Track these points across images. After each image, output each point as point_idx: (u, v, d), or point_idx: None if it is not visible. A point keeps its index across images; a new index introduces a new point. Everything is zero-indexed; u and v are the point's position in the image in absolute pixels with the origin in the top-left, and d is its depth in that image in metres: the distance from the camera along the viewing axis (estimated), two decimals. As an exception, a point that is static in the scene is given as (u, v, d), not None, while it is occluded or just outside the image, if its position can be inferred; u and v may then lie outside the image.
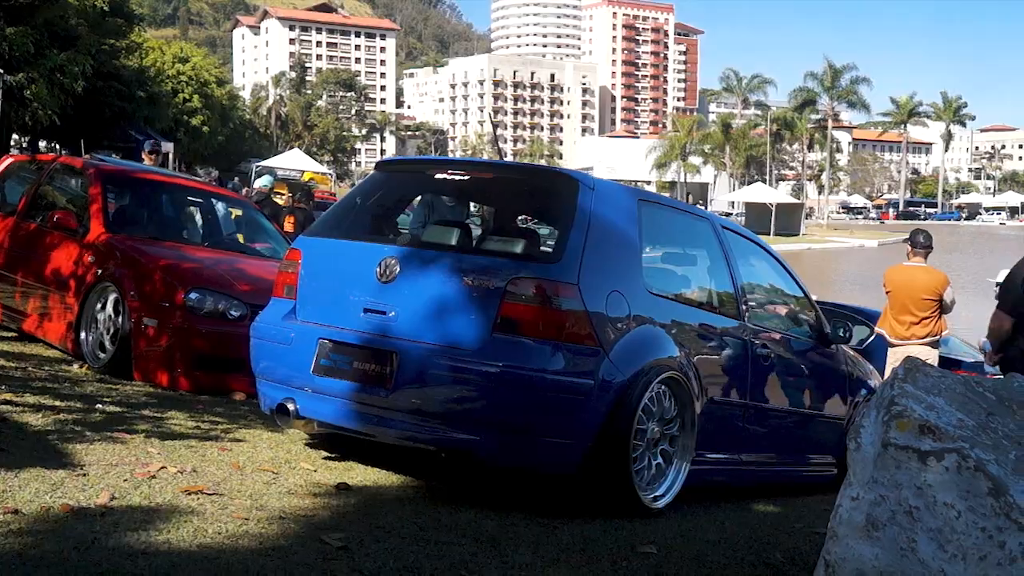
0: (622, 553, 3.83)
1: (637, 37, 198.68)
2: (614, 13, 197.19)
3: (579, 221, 4.43)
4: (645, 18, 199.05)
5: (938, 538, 3.07)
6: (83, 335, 6.84)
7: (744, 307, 5.38)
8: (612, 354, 4.32)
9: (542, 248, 4.60)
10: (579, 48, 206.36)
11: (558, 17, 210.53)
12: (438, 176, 5.25)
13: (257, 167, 42.25)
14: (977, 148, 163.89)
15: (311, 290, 4.76)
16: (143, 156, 10.66)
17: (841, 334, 6.16)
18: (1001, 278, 8.78)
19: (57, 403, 5.31)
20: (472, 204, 6.05)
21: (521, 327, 4.21)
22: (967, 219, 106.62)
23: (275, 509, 3.81)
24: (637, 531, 4.21)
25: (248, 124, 78.70)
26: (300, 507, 3.90)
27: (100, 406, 5.37)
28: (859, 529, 3.18)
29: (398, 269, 4.47)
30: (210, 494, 3.87)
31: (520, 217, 5.83)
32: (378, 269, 4.50)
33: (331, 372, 4.50)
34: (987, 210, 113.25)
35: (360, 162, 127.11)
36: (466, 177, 5.13)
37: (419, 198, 6.57)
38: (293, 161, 48.17)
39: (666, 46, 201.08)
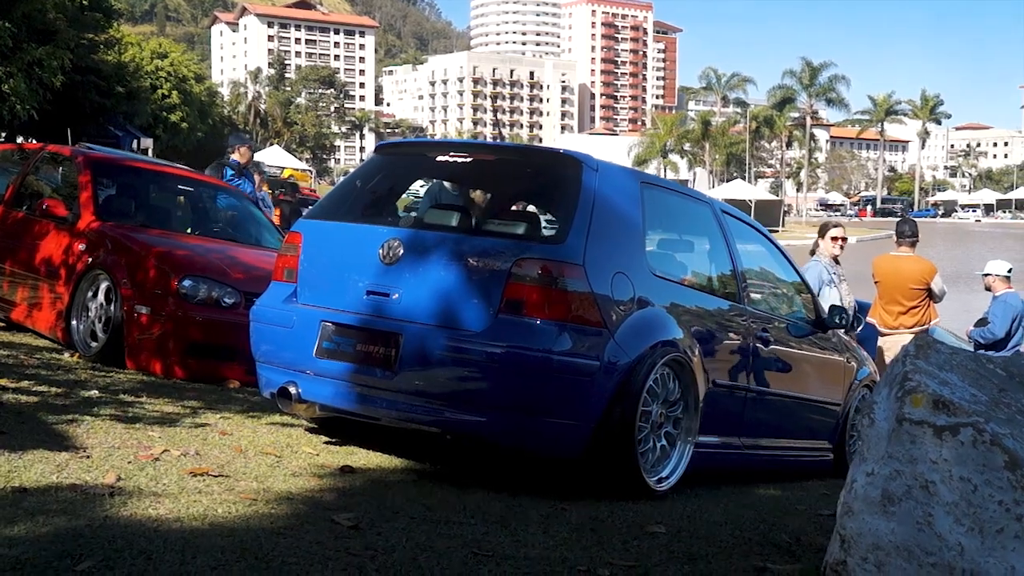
0: (632, 533, 3.82)
1: (616, 35, 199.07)
2: (593, 11, 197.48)
3: (584, 202, 4.41)
4: (624, 16, 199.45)
5: (954, 512, 3.07)
6: (74, 323, 6.76)
7: (744, 291, 5.38)
8: (617, 335, 4.30)
9: (547, 229, 4.57)
10: (558, 46, 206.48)
11: (537, 15, 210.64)
12: (440, 159, 5.21)
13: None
14: (952, 146, 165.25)
15: (312, 273, 4.72)
16: (232, 152, 10.14)
17: (837, 320, 6.18)
18: (989, 269, 8.85)
19: (53, 389, 5.26)
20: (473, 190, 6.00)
21: (526, 308, 4.18)
22: (943, 216, 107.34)
23: (282, 491, 3.78)
24: (644, 512, 4.20)
25: (227, 121, 78.25)
26: (306, 489, 3.87)
27: (96, 392, 5.32)
28: (875, 504, 3.18)
29: (401, 251, 4.44)
30: (215, 476, 3.84)
31: (515, 205, 5.80)
32: (381, 251, 4.47)
33: (334, 355, 4.46)
34: (963, 207, 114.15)
35: (339, 159, 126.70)
36: (468, 159, 5.09)
37: (426, 188, 6.53)
38: (273, 158, 47.98)
39: (645, 44, 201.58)
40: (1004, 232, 75.03)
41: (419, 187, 8.54)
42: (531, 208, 5.17)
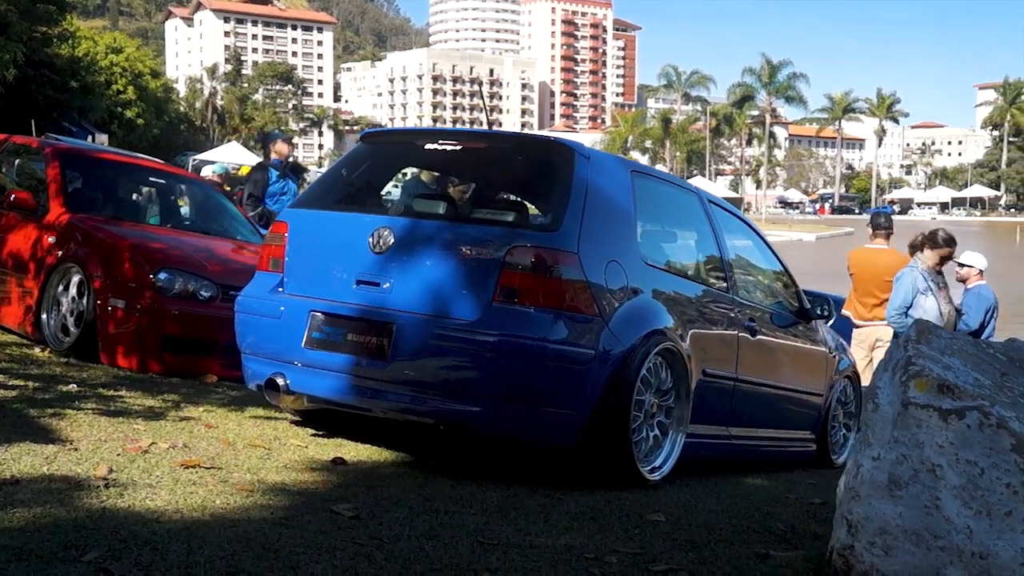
0: (632, 521, 3.80)
1: (576, 32, 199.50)
2: (553, 8, 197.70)
3: (576, 190, 4.37)
4: (584, 13, 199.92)
5: (962, 495, 3.07)
6: (44, 318, 6.61)
7: (732, 281, 5.38)
8: (612, 324, 4.27)
9: (540, 217, 4.52)
10: (518, 43, 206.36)
11: (497, 12, 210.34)
12: (428, 146, 5.13)
13: (194, 160, 41.53)
14: (908, 144, 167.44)
15: (300, 262, 4.64)
16: (273, 146, 9.64)
17: (820, 311, 6.20)
18: (968, 261, 8.94)
19: (29, 383, 5.14)
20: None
21: (521, 296, 4.13)
22: (900, 214, 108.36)
23: (276, 483, 3.71)
24: (640, 501, 4.18)
25: (184, 117, 77.33)
26: (301, 481, 3.80)
27: (74, 386, 5.20)
28: (882, 488, 3.17)
29: (392, 240, 4.37)
30: (208, 468, 3.76)
31: (498, 194, 5.75)
32: (371, 240, 4.40)
33: (324, 345, 4.38)
34: (919, 205, 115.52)
35: (298, 156, 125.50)
36: (458, 147, 5.02)
37: (404, 181, 6.46)
38: (230, 154, 47.24)
39: (604, 41, 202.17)
40: (959, 229, 75.94)
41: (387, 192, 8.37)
42: (515, 198, 5.11)
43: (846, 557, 3.20)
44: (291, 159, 9.62)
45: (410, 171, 6.82)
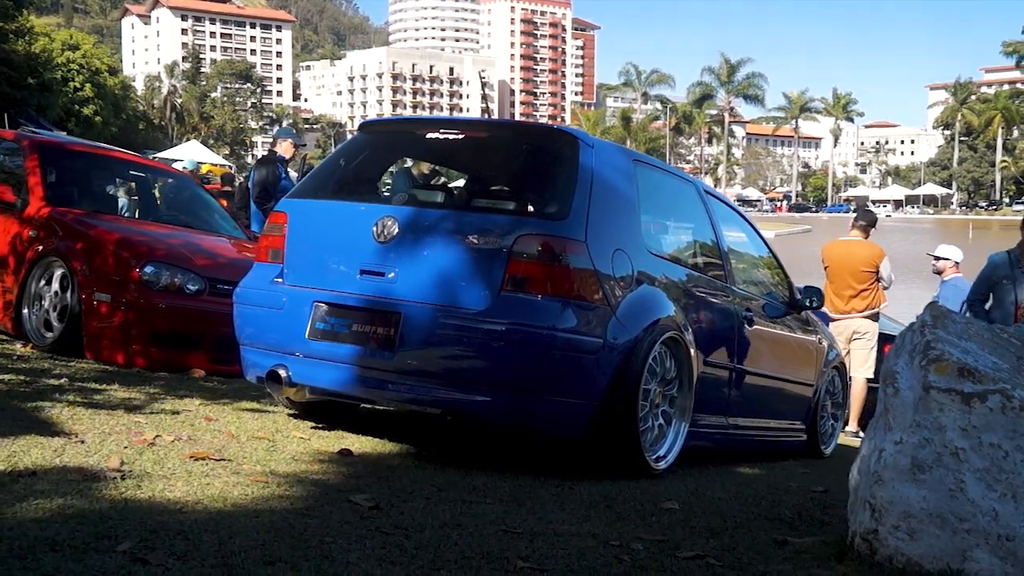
0: (647, 509, 3.79)
1: (535, 31, 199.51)
2: (512, 7, 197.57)
3: (582, 178, 4.35)
4: (543, 12, 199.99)
5: (986, 478, 3.09)
6: (25, 313, 6.47)
7: (728, 270, 5.39)
8: (619, 313, 4.25)
9: (546, 205, 4.49)
10: (478, 42, 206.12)
11: (456, 11, 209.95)
12: (429, 136, 5.07)
13: (154, 158, 40.99)
14: (863, 143, 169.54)
15: (300, 253, 4.57)
16: (280, 143, 9.40)
17: (810, 302, 6.23)
18: (944, 253, 9.04)
19: (19, 377, 5.03)
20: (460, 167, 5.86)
21: (529, 285, 4.10)
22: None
23: (288, 474, 3.65)
24: (650, 490, 4.17)
25: (142, 115, 76.46)
26: (312, 472, 3.75)
27: (65, 380, 5.09)
28: (905, 472, 3.18)
29: (396, 229, 4.32)
30: (218, 460, 3.69)
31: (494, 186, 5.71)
32: (375, 229, 4.34)
33: (328, 336, 4.32)
34: (874, 203, 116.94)
35: (258, 155, 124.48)
36: (460, 136, 4.96)
37: (396, 168, 6.40)
38: (190, 153, 46.73)
39: (564, 40, 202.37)
40: (912, 227, 77.21)
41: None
42: (520, 186, 5.06)
43: (870, 541, 3.21)
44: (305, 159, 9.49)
45: (399, 163, 6.76)
